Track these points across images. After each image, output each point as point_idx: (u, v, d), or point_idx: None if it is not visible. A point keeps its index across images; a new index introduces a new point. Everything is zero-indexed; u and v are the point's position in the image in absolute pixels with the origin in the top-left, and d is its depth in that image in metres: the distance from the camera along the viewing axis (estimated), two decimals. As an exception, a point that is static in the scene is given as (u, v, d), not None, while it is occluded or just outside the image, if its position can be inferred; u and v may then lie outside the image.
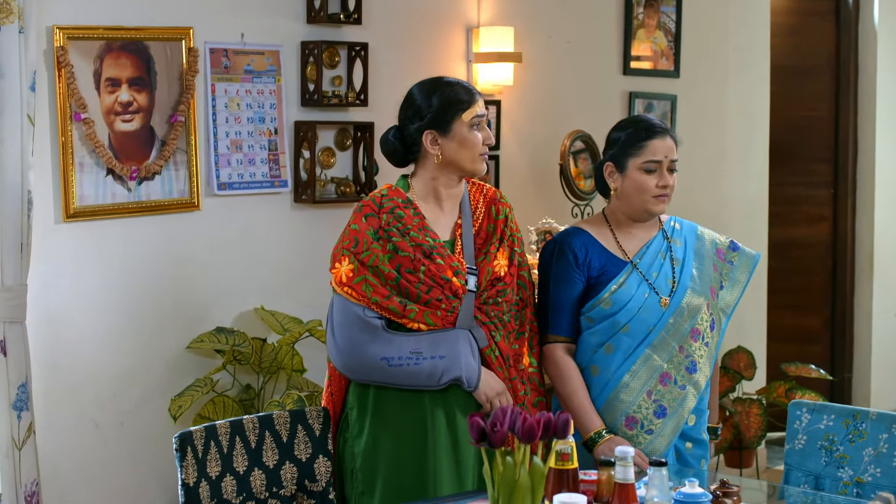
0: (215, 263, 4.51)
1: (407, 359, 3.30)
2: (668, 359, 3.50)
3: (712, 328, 3.58)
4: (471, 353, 3.34)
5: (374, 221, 3.38)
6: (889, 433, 3.34)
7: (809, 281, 7.24)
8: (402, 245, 3.34)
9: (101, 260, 4.21)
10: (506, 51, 5.22)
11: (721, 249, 3.68)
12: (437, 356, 3.31)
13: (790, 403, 3.54)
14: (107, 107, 4.17)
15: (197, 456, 3.18)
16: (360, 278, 3.34)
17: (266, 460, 3.34)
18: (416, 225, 3.38)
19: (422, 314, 3.33)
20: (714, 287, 3.61)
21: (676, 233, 3.66)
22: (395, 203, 3.41)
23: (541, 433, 2.51)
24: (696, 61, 6.23)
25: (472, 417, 2.51)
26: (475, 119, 3.42)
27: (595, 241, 3.60)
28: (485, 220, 3.49)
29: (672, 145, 3.54)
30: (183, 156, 4.37)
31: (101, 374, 4.24)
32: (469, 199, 3.50)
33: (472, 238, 3.45)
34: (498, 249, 3.45)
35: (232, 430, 3.29)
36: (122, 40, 4.19)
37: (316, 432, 3.43)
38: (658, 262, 3.58)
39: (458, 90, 3.44)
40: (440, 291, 3.33)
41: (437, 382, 3.31)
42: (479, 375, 3.34)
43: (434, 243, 3.37)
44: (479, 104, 3.44)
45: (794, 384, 6.11)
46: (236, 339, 4.39)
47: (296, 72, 4.69)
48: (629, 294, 3.52)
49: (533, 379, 3.51)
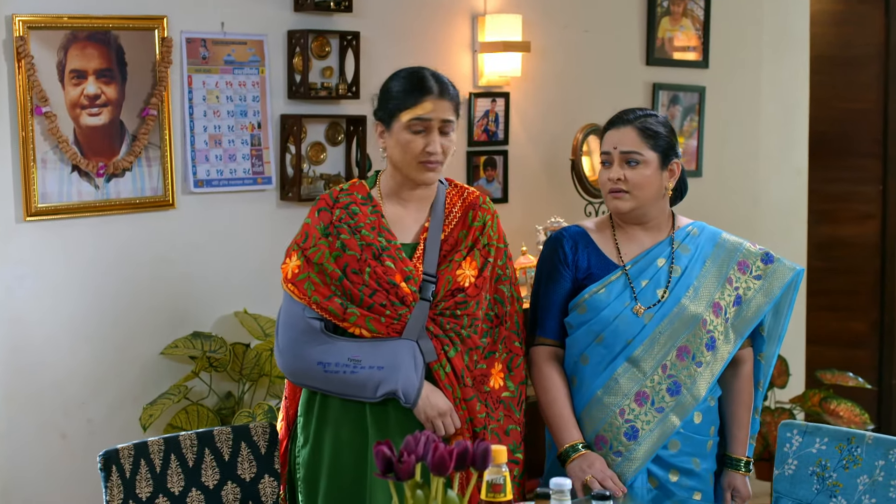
0: (193, 265, 4.29)
1: (344, 366, 3.03)
2: (648, 377, 3.20)
3: (710, 348, 3.22)
4: (413, 366, 3.03)
5: (326, 217, 3.13)
6: (886, 460, 3.01)
7: (855, 282, 6.85)
8: (349, 243, 3.08)
9: (67, 261, 4.01)
10: (513, 40, 4.93)
11: (745, 261, 3.31)
12: (376, 366, 3.02)
13: (780, 424, 3.22)
14: (72, 100, 3.96)
15: (123, 476, 2.95)
16: (304, 275, 3.09)
17: (205, 480, 3.10)
18: (371, 224, 3.10)
19: (363, 319, 3.04)
20: (722, 303, 3.25)
21: (690, 239, 3.32)
22: (353, 199, 3.15)
23: (453, 464, 2.23)
24: (727, 51, 5.90)
25: (377, 446, 2.24)
26: (414, 122, 3.07)
27: (591, 240, 3.31)
28: (458, 225, 3.17)
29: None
30: (156, 151, 4.15)
31: (68, 381, 4.04)
32: (444, 201, 3.20)
33: (438, 244, 3.14)
34: (465, 258, 3.13)
35: (166, 447, 3.06)
36: (89, 30, 3.98)
37: (261, 450, 3.18)
38: (653, 269, 3.26)
39: (410, 84, 3.11)
40: (385, 296, 3.05)
41: (373, 395, 3.04)
42: (418, 392, 3.03)
43: (387, 245, 3.09)
44: (424, 106, 3.06)
45: (830, 393, 5.76)
46: (212, 344, 4.17)
47: (282, 62, 4.45)
48: (605, 301, 3.22)
49: (509, 405, 3.18)
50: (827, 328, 6.76)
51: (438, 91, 3.08)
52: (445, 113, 3.07)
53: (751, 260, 3.31)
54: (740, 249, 3.32)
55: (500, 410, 3.15)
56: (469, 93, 4.98)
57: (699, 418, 3.22)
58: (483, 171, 5.07)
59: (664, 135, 3.25)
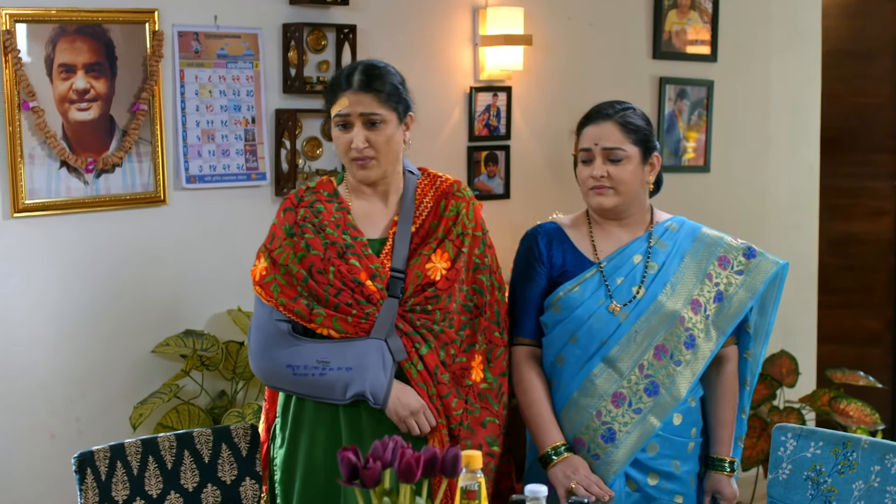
0: (185, 262, 4.22)
1: (313, 368, 2.96)
2: (625, 377, 3.11)
3: (690, 346, 3.14)
4: (381, 366, 2.95)
5: (291, 216, 3.07)
6: (882, 465, 2.93)
7: (869, 279, 6.73)
8: (313, 242, 3.01)
9: (55, 258, 3.95)
10: (514, 33, 4.85)
11: (726, 256, 3.23)
12: (344, 367, 2.95)
13: (774, 427, 3.13)
14: (60, 94, 3.90)
15: (99, 478, 2.89)
16: (270, 277, 3.03)
17: (184, 482, 3.04)
18: (335, 221, 3.04)
19: (330, 319, 2.97)
20: (701, 299, 3.17)
21: (668, 234, 3.24)
22: (318, 197, 3.09)
23: (421, 472, 2.16)
24: (737, 44, 5.79)
25: (342, 452, 2.17)
26: (337, 119, 3.03)
27: (566, 237, 3.23)
28: (430, 216, 3.10)
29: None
30: (147, 147, 4.09)
31: (56, 380, 3.99)
32: (414, 193, 3.12)
33: (408, 238, 3.05)
34: (435, 250, 3.05)
35: (144, 449, 3.00)
36: (78, 23, 3.91)
37: (242, 452, 3.12)
38: (629, 266, 3.18)
39: (333, 80, 3.08)
40: (350, 295, 2.97)
41: (343, 397, 2.96)
42: (387, 392, 2.96)
43: (352, 242, 3.01)
44: (341, 102, 3.01)
45: (840, 392, 5.65)
46: (204, 342, 4.10)
47: (277, 56, 4.38)
48: (580, 300, 3.14)
49: (486, 397, 3.10)
50: (840, 326, 6.65)
51: (359, 84, 3.00)
52: (366, 106, 2.99)
53: (732, 255, 3.23)
54: (721, 244, 3.24)
55: (476, 402, 3.07)
56: (470, 87, 4.90)
57: (679, 420, 3.14)
58: (484, 167, 4.99)
59: (644, 128, 3.19)
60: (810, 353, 6.21)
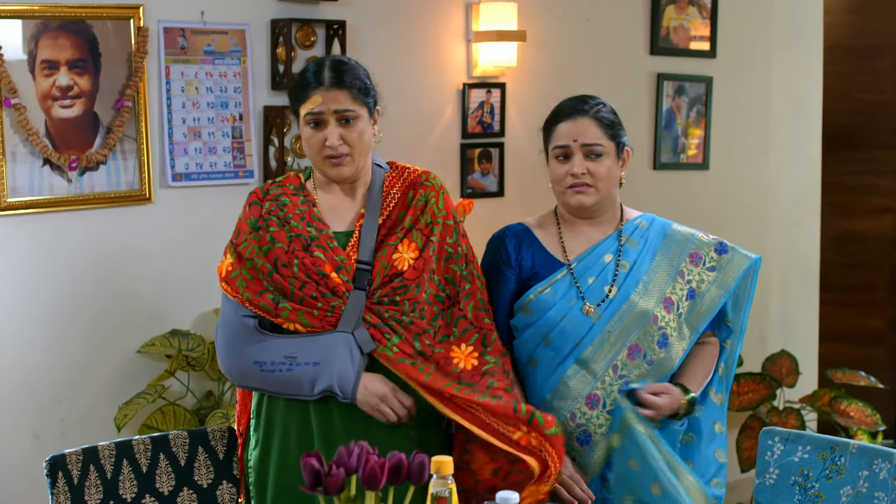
0: (171, 261, 4.17)
1: (280, 364, 2.91)
2: (598, 378, 3.05)
3: (663, 345, 3.09)
4: (349, 359, 2.90)
5: (256, 210, 3.03)
6: (870, 470, 2.86)
7: (872, 277, 6.66)
8: (278, 235, 2.97)
9: (38, 256, 3.90)
10: (507, 29, 4.79)
11: (697, 253, 3.16)
12: (311, 362, 2.90)
13: (761, 431, 3.07)
14: (43, 91, 3.85)
15: (71, 482, 2.85)
16: (236, 273, 2.99)
17: (160, 486, 3.00)
18: (301, 214, 3.00)
19: (296, 313, 2.92)
20: (674, 297, 3.11)
21: (638, 232, 3.19)
22: (284, 190, 3.06)
23: (385, 478, 2.10)
24: (736, 40, 5.71)
25: (304, 458, 2.12)
26: (308, 117, 2.98)
27: (535, 238, 3.18)
28: (397, 207, 3.06)
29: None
30: (132, 144, 4.04)
31: (41, 380, 3.94)
32: (382, 185, 3.08)
33: (375, 229, 3.01)
34: (402, 240, 3.00)
35: (118, 452, 2.96)
36: (61, 19, 3.86)
37: (219, 455, 3.07)
38: (600, 265, 3.12)
39: (302, 77, 3.02)
40: (314, 288, 2.92)
41: (311, 392, 2.91)
42: (354, 384, 2.89)
43: (317, 234, 2.97)
44: (313, 100, 2.97)
45: (841, 392, 5.58)
46: (190, 342, 4.05)
47: (265, 53, 4.32)
48: (551, 301, 3.08)
49: (495, 373, 2.97)
50: (843, 325, 6.58)
51: (330, 80, 2.96)
52: (339, 103, 2.95)
53: (703, 251, 3.16)
54: (692, 240, 3.18)
55: (486, 380, 2.95)
56: (463, 83, 4.84)
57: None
58: (478, 164, 4.92)
59: (618, 123, 3.16)
60: (811, 352, 6.13)
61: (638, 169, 5.39)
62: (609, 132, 3.12)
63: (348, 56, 3.09)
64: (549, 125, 3.20)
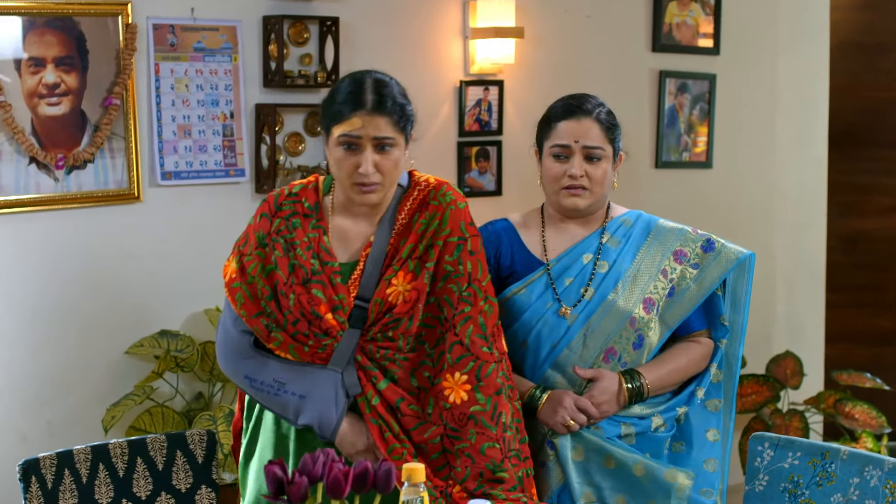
0: (161, 261, 4.12)
1: (269, 386, 2.82)
2: (574, 383, 2.99)
3: (638, 346, 3.01)
4: (333, 400, 2.78)
5: (266, 225, 2.88)
6: (861, 477, 2.78)
7: (881, 278, 6.55)
8: (281, 262, 2.83)
9: (25, 256, 3.86)
10: (505, 25, 4.72)
11: (682, 250, 3.07)
12: (298, 394, 2.80)
13: (751, 437, 3.00)
14: (29, 89, 3.80)
15: (45, 486, 2.79)
16: (237, 284, 2.87)
17: (137, 491, 2.94)
18: (308, 242, 2.83)
19: (287, 346, 2.82)
20: (654, 297, 3.03)
21: (621, 230, 3.09)
22: (297, 209, 2.88)
23: (350, 487, 2.04)
24: (740, 36, 5.63)
25: (268, 466, 2.06)
26: (343, 138, 2.78)
27: (516, 235, 3.11)
28: (403, 232, 2.86)
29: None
30: (120, 142, 3.99)
31: (27, 381, 3.89)
32: (396, 207, 2.88)
33: (381, 260, 2.84)
34: (397, 272, 2.82)
35: (94, 455, 2.90)
36: (48, 16, 3.81)
37: (198, 459, 3.01)
38: (578, 265, 3.04)
39: (343, 96, 2.79)
40: (307, 326, 2.79)
41: (295, 421, 2.82)
42: (335, 428, 2.78)
43: (320, 268, 2.81)
44: (352, 122, 2.75)
45: (846, 394, 5.50)
46: (179, 343, 4.00)
47: (257, 50, 4.27)
48: (527, 303, 3.01)
49: (480, 420, 2.77)
50: (851, 325, 6.48)
51: (373, 105, 2.76)
52: (380, 130, 2.76)
53: (689, 248, 3.07)
54: (678, 236, 3.08)
55: (469, 427, 2.78)
56: (460, 81, 4.78)
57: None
58: (475, 163, 4.86)
59: (617, 126, 3.07)
60: (818, 354, 6.05)
61: (639, 167, 5.32)
62: (609, 135, 3.04)
63: (384, 74, 2.87)
64: (549, 121, 3.11)
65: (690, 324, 3.09)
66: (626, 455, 2.94)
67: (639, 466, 2.93)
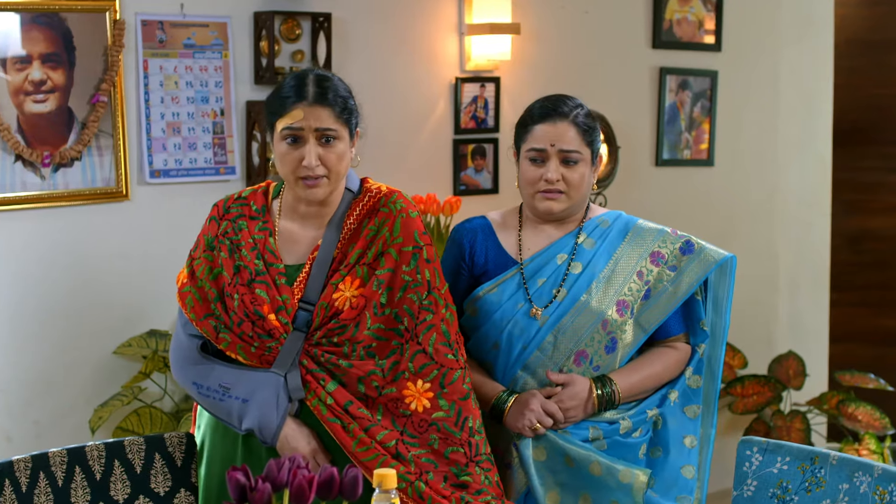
0: (149, 259, 4.07)
1: (215, 391, 2.80)
2: (544, 385, 2.94)
3: (611, 350, 2.95)
4: (274, 403, 2.74)
5: (214, 228, 2.90)
6: (850, 483, 2.72)
7: (886, 277, 6.48)
8: (226, 263, 2.84)
9: (11, 255, 3.82)
10: (501, 21, 4.66)
11: (659, 252, 3.00)
12: (241, 398, 2.77)
13: (740, 441, 2.94)
14: (15, 86, 3.76)
15: (19, 490, 2.75)
16: (188, 289, 2.88)
17: (114, 494, 2.89)
18: (253, 243, 2.83)
19: (235, 346, 2.80)
20: (629, 300, 2.97)
21: (598, 231, 3.03)
22: (244, 211, 2.89)
23: (314, 494, 2.00)
24: (742, 32, 5.57)
25: (230, 472, 2.01)
26: (286, 132, 2.77)
27: (493, 234, 3.05)
28: (350, 239, 2.84)
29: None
30: (108, 140, 3.94)
31: (13, 381, 3.85)
32: (345, 214, 2.86)
33: (327, 265, 2.81)
34: (344, 277, 2.79)
35: (70, 458, 2.85)
36: (34, 12, 3.77)
37: (177, 462, 2.96)
38: (551, 266, 2.98)
39: (284, 89, 2.80)
40: (251, 327, 2.78)
41: (239, 427, 2.80)
42: (276, 432, 2.75)
43: (264, 269, 2.80)
44: (294, 115, 2.75)
45: (849, 395, 5.43)
46: (167, 343, 3.96)
47: (248, 46, 4.22)
48: (497, 303, 2.96)
49: (443, 426, 2.76)
50: (856, 325, 6.41)
51: (314, 96, 2.76)
52: (321, 121, 2.75)
53: (667, 249, 3.00)
54: (658, 237, 3.02)
55: (430, 433, 2.76)
56: (455, 77, 4.72)
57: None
58: (471, 161, 4.80)
59: (595, 128, 3.01)
60: (821, 354, 5.98)
61: (639, 165, 5.26)
62: (587, 138, 2.98)
63: (326, 71, 2.89)
64: (525, 124, 3.05)
65: (668, 328, 3.03)
66: (582, 454, 2.90)
67: (595, 465, 2.88)
